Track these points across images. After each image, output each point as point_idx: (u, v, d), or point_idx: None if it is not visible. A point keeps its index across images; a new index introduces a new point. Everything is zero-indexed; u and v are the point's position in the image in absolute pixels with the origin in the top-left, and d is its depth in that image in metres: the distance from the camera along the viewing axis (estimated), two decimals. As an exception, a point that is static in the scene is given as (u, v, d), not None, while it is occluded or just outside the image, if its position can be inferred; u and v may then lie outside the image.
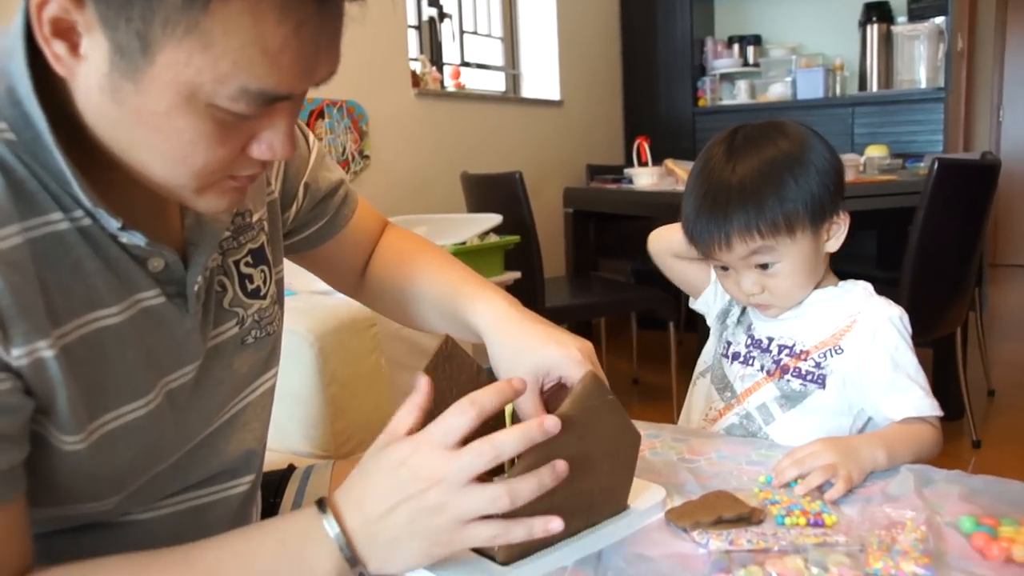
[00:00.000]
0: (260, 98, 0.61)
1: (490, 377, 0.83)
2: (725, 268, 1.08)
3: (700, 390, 1.19)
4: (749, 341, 1.13)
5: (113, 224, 0.67)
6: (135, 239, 0.69)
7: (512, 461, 0.68)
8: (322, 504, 0.68)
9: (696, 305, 1.27)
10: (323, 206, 1.01)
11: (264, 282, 0.89)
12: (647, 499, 0.82)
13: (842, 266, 1.13)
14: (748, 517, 0.78)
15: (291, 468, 1.16)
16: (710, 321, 1.25)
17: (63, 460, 0.68)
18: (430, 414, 0.72)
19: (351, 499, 0.68)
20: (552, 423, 0.65)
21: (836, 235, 1.07)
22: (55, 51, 0.59)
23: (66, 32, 0.59)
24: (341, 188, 1.03)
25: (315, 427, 1.62)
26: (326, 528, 0.66)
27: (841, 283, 1.10)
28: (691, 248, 1.09)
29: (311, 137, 1.01)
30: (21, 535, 0.64)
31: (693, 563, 0.71)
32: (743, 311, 1.18)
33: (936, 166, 2.36)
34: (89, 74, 0.60)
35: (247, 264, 0.87)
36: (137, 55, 0.58)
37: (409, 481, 0.65)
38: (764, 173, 1.01)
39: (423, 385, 0.70)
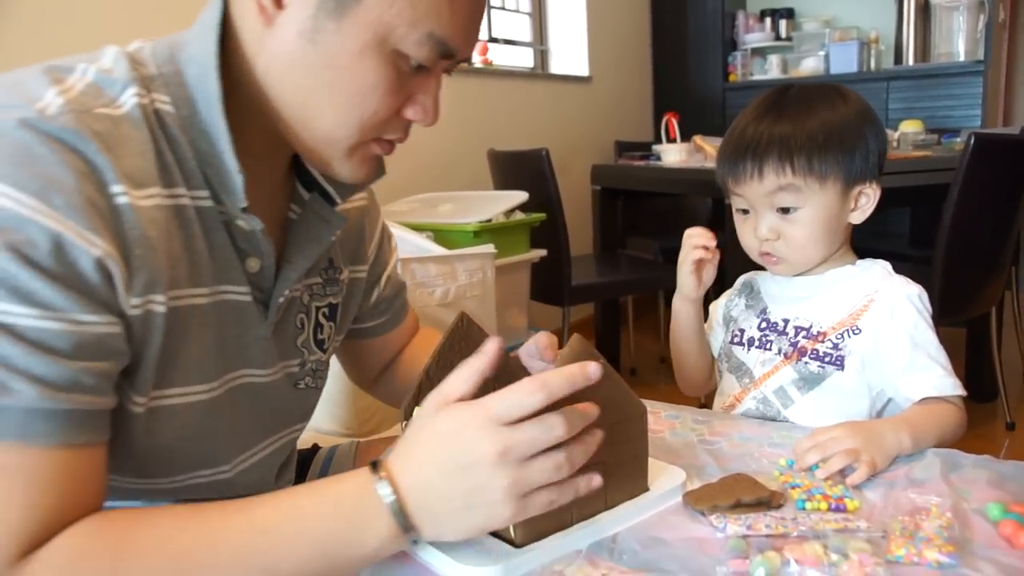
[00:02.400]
0: (438, 48, 0.69)
1: (508, 356, 0.83)
2: (746, 212, 1.08)
3: (724, 378, 1.18)
4: (764, 324, 1.11)
5: (240, 202, 0.72)
6: (253, 223, 0.74)
7: None
8: (376, 466, 0.66)
9: (711, 339, 1.24)
10: (391, 303, 1.08)
11: (329, 338, 0.93)
12: (666, 481, 0.82)
13: (874, 244, 1.12)
14: (768, 501, 0.76)
15: (315, 448, 1.17)
16: (720, 340, 1.22)
17: (126, 424, 0.71)
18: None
19: (406, 465, 0.65)
20: (595, 368, 0.65)
21: (864, 207, 1.05)
22: (262, 2, 0.68)
23: None
24: (405, 290, 1.12)
25: (339, 405, 1.63)
26: (380, 494, 0.64)
27: (859, 262, 1.09)
28: (727, 186, 1.08)
29: (394, 237, 1.09)
30: (102, 478, 0.66)
31: (710, 548, 0.70)
32: (751, 294, 1.16)
33: (972, 141, 2.31)
34: (289, 20, 0.68)
35: (323, 315, 0.91)
36: None
37: (470, 453, 0.63)
38: (809, 122, 1.02)
39: (491, 349, 0.67)
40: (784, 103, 1.05)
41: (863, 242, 1.11)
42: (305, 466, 1.13)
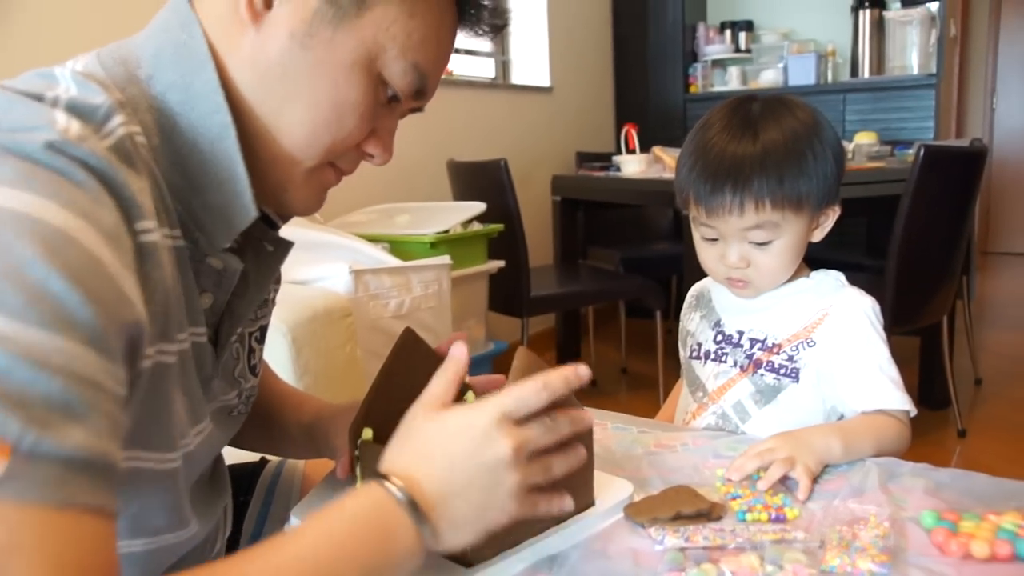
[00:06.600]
0: (419, 81, 0.69)
1: (434, 352, 0.82)
2: (714, 240, 1.04)
3: (683, 394, 1.18)
4: (719, 337, 1.11)
5: (227, 241, 0.69)
6: (233, 263, 0.71)
7: None
8: (385, 476, 0.63)
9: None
10: None
11: (260, 360, 0.89)
12: (614, 494, 0.81)
13: (831, 254, 1.12)
14: (708, 513, 0.76)
15: (263, 461, 1.15)
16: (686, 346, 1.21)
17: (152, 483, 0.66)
18: (388, 405, 0.70)
19: (421, 466, 0.64)
20: (585, 369, 0.68)
21: (824, 225, 1.06)
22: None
23: None
24: None
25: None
26: (399, 499, 0.61)
27: (813, 274, 1.08)
28: (694, 213, 1.04)
29: None
30: (116, 556, 0.53)
31: (647, 560, 0.70)
32: (704, 305, 1.16)
33: (922, 152, 2.35)
34: (280, 21, 0.65)
35: (256, 339, 0.87)
36: (351, 6, 0.65)
37: (492, 450, 0.63)
38: (788, 145, 0.99)
39: (460, 355, 0.71)
40: (755, 121, 1.01)
41: (820, 252, 1.11)
42: (253, 479, 1.11)
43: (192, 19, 0.67)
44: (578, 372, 0.68)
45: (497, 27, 0.74)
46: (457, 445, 0.64)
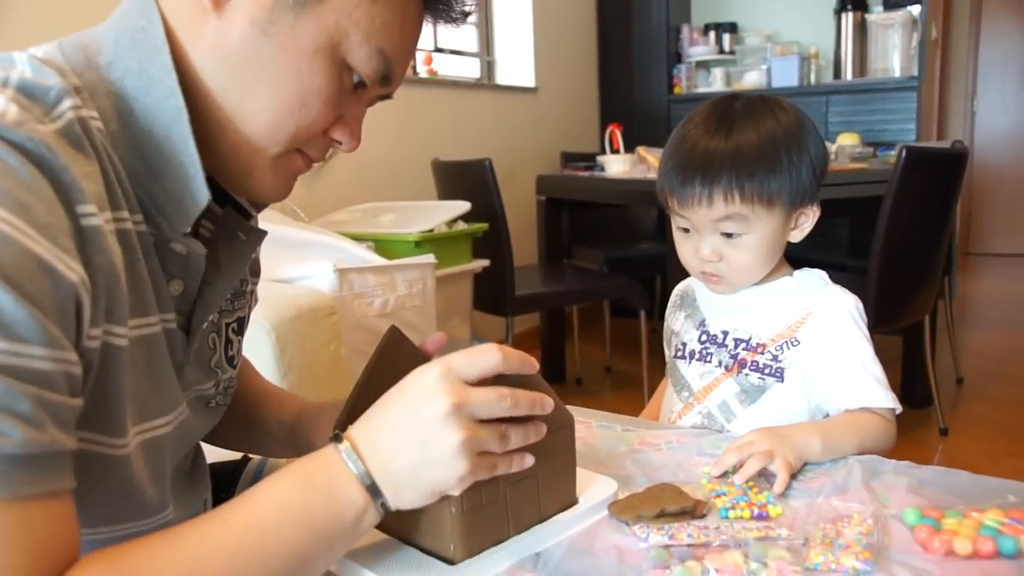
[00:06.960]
0: (384, 67, 0.69)
1: (417, 348, 0.82)
2: (687, 231, 1.06)
3: (668, 393, 1.17)
4: (704, 337, 1.11)
5: (186, 226, 0.68)
6: (195, 248, 0.71)
7: None
8: (337, 435, 0.66)
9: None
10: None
11: (238, 352, 0.88)
12: (598, 492, 0.81)
13: (814, 255, 1.11)
14: (691, 510, 0.77)
15: (246, 459, 1.14)
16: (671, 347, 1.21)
17: (103, 469, 0.66)
18: (372, 404, 0.70)
19: (365, 424, 0.66)
20: (535, 363, 0.69)
21: (803, 226, 1.06)
22: None
23: None
24: None
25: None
26: (344, 459, 0.64)
27: (796, 272, 1.08)
28: (669, 204, 1.06)
29: None
30: (75, 529, 0.58)
31: (632, 558, 0.70)
32: (689, 304, 1.17)
33: (904, 154, 2.36)
34: (242, 8, 0.65)
35: (233, 331, 0.87)
36: None
37: (427, 403, 0.63)
38: (762, 146, 1.00)
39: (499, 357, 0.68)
40: (733, 118, 1.02)
41: (802, 253, 1.11)
42: (235, 477, 1.10)
43: (151, 6, 0.67)
44: (532, 360, 0.69)
45: (463, 14, 0.74)
46: (400, 401, 0.65)
